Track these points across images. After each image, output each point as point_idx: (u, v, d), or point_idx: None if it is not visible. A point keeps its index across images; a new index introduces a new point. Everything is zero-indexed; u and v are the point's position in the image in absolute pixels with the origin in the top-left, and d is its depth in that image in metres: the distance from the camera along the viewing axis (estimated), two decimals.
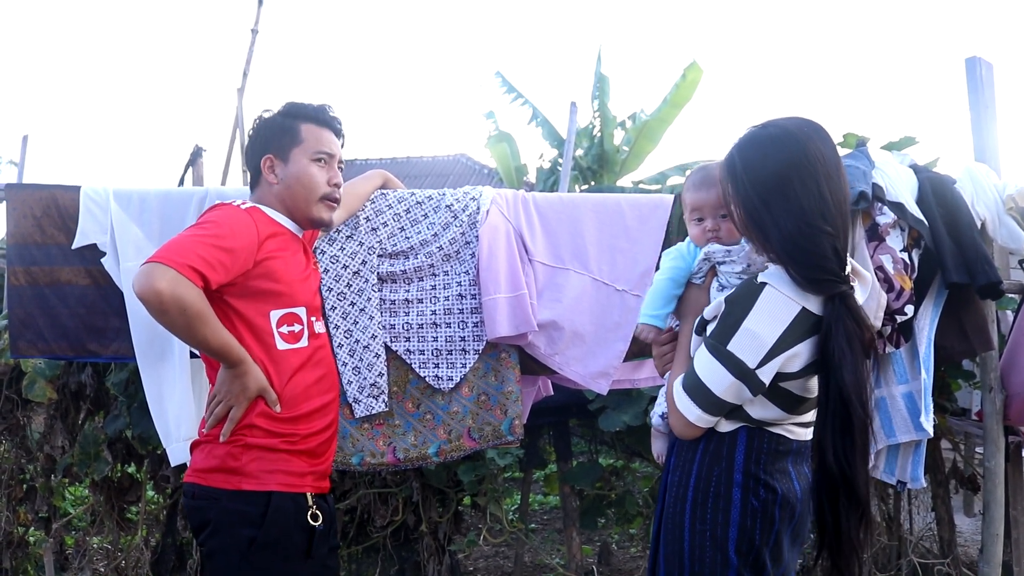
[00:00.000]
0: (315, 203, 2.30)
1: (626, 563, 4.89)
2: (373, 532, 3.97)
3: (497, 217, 2.90)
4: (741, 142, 1.90)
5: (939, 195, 3.01)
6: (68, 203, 3.01)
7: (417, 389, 2.88)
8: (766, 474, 1.87)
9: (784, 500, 1.87)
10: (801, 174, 1.80)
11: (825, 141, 1.86)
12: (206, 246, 2.01)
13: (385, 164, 21.00)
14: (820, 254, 1.80)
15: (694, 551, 1.88)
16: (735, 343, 1.81)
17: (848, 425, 1.77)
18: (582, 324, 2.90)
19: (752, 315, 1.80)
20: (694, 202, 2.21)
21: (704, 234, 2.19)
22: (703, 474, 1.90)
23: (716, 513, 1.87)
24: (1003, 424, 3.34)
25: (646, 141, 11.41)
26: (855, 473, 1.78)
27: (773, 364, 1.80)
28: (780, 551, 1.90)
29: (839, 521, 1.80)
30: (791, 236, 1.81)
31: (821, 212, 1.80)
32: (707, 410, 1.86)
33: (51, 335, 3.03)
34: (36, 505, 4.23)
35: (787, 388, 1.86)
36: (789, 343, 1.79)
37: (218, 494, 2.09)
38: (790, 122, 1.88)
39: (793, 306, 1.80)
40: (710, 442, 1.92)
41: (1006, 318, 3.68)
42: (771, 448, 1.89)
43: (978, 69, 3.42)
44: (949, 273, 2.92)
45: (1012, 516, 3.50)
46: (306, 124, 2.30)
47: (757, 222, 1.85)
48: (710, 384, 1.84)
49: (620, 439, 3.98)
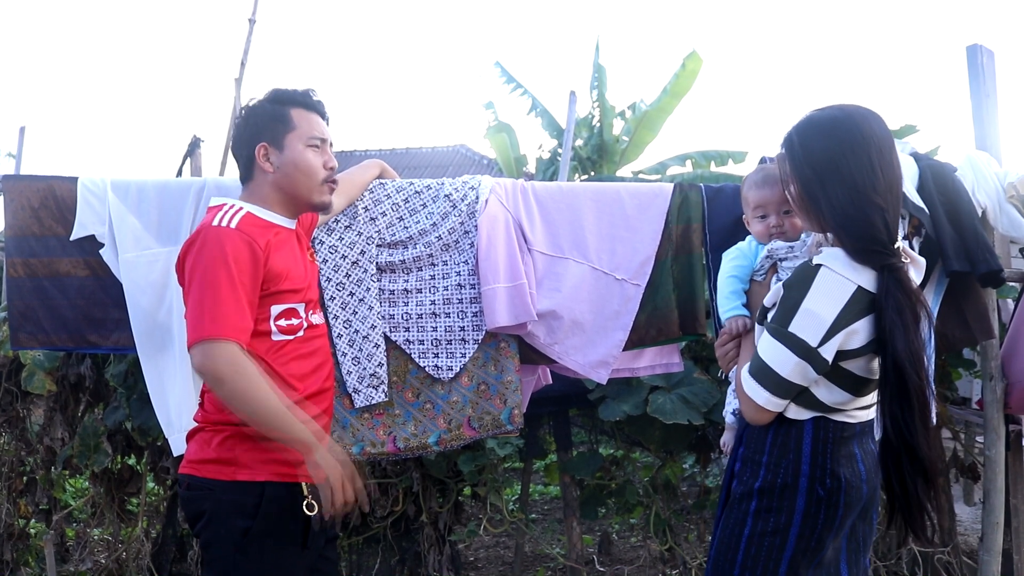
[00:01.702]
0: (316, 187, 2.30)
1: (626, 552, 4.90)
2: (373, 522, 3.97)
3: (496, 206, 2.89)
4: (800, 123, 2.00)
5: (940, 183, 3.01)
6: (66, 194, 2.99)
7: (417, 379, 2.88)
8: (833, 462, 1.93)
9: (849, 486, 1.94)
10: (855, 149, 1.89)
11: (879, 122, 1.95)
12: (236, 301, 2.05)
13: (384, 155, 20.98)
14: (871, 224, 1.87)
15: (753, 536, 1.97)
16: (796, 324, 1.87)
17: (904, 392, 1.83)
18: (581, 313, 2.90)
19: (810, 296, 1.86)
20: (758, 199, 2.30)
21: (768, 230, 2.30)
22: (772, 465, 1.98)
23: (783, 502, 1.95)
24: (1003, 413, 3.34)
25: (646, 131, 11.41)
26: (915, 438, 1.85)
27: (834, 341, 1.85)
28: (842, 531, 1.97)
29: (906, 485, 1.87)
30: (843, 208, 1.89)
31: (873, 185, 1.88)
32: (775, 392, 1.92)
33: (51, 326, 3.03)
34: (36, 497, 4.23)
35: (850, 369, 1.91)
36: (848, 320, 1.85)
37: (213, 484, 2.09)
38: (847, 105, 1.98)
39: (848, 285, 1.85)
40: (778, 434, 1.98)
41: (1007, 306, 3.68)
42: (836, 436, 1.95)
43: (979, 57, 3.41)
44: (950, 261, 2.92)
45: (1012, 505, 3.50)
46: (295, 109, 2.28)
47: (812, 196, 1.94)
48: (775, 366, 1.90)
49: (620, 429, 3.98)
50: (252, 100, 2.33)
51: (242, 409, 2.02)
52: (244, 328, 2.06)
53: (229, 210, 2.18)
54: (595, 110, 11.89)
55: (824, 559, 1.96)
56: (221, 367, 2.00)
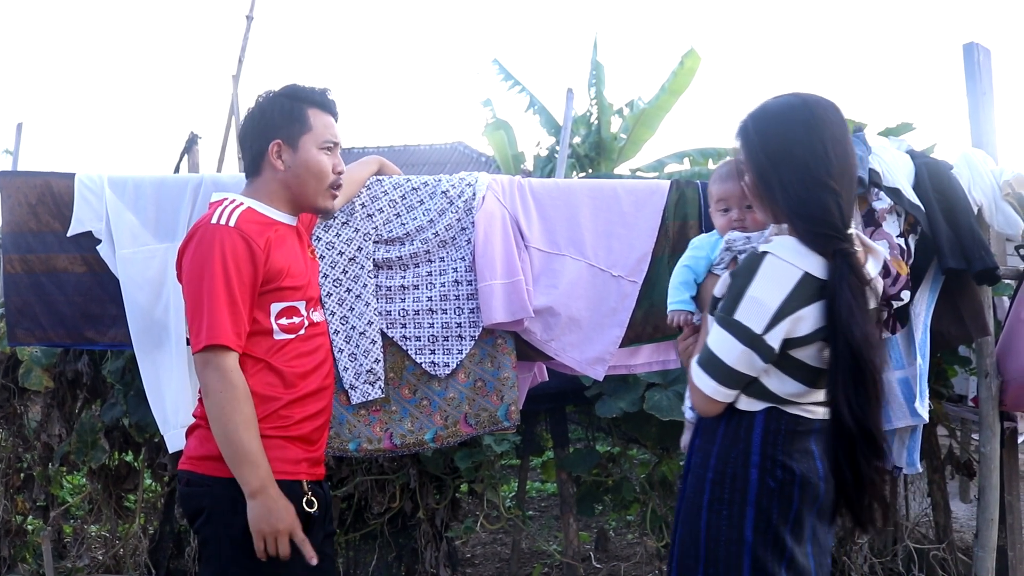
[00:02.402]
0: (323, 192, 2.29)
1: (623, 549, 4.91)
2: (370, 519, 3.98)
3: (493, 203, 2.89)
4: (754, 111, 2.00)
5: (936, 181, 3.01)
6: (63, 190, 3.00)
7: (413, 375, 2.88)
8: (784, 455, 1.90)
9: (804, 480, 1.90)
10: (809, 134, 1.90)
11: (833, 109, 1.95)
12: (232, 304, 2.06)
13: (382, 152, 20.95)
14: (823, 208, 1.87)
15: (710, 530, 1.93)
16: (741, 311, 1.85)
17: (860, 377, 1.82)
18: (578, 310, 2.90)
19: (755, 283, 1.85)
20: (720, 193, 2.31)
21: (730, 224, 2.29)
22: (722, 455, 1.94)
23: (734, 493, 1.91)
24: (999, 410, 3.35)
25: (643, 129, 11.41)
26: (871, 423, 1.83)
27: (780, 328, 1.84)
28: (802, 530, 1.93)
29: (859, 472, 1.85)
30: (796, 193, 1.89)
31: (827, 170, 1.88)
32: (722, 382, 1.90)
33: (48, 323, 3.03)
34: (34, 493, 4.24)
35: (800, 358, 1.89)
36: (793, 306, 1.83)
37: (212, 481, 2.09)
38: (801, 93, 1.98)
39: (794, 271, 1.84)
40: (729, 424, 1.95)
41: (1002, 304, 3.68)
42: (789, 429, 1.92)
43: (976, 55, 3.42)
44: (945, 259, 2.93)
45: (1007, 501, 3.52)
46: (312, 109, 2.26)
47: (766, 182, 1.94)
48: (721, 355, 1.88)
49: (617, 425, 3.99)
50: (268, 92, 2.30)
51: (214, 426, 2.04)
52: (240, 332, 2.08)
53: (229, 205, 2.17)
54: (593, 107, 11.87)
55: (795, 560, 1.90)
56: (211, 381, 2.04)
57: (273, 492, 2.04)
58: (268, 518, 2.02)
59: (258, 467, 2.03)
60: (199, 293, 2.07)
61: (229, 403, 2.02)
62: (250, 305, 2.11)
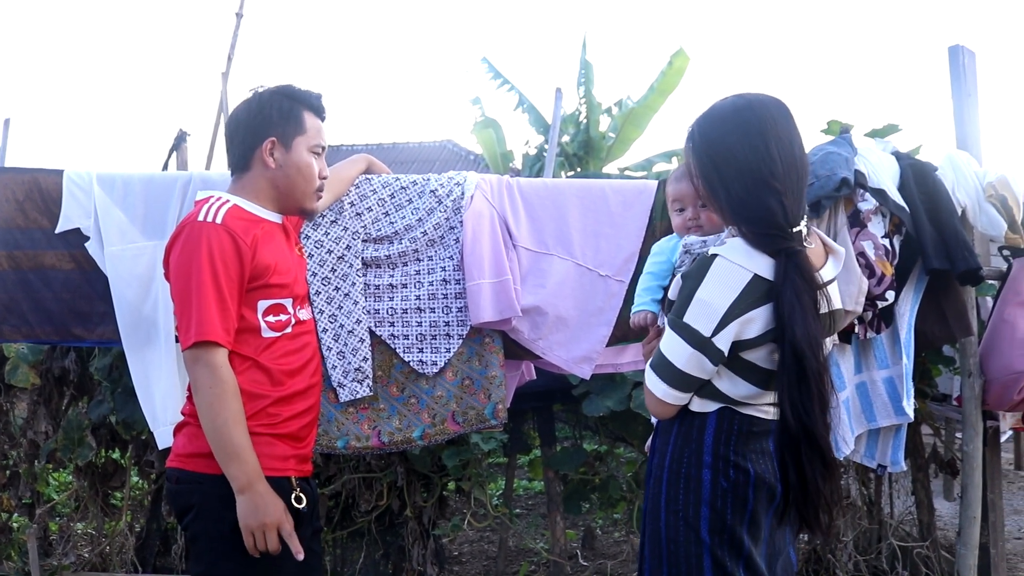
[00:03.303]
0: (310, 194, 2.30)
1: (610, 547, 4.93)
2: (358, 517, 3.98)
3: (481, 202, 2.90)
4: (701, 115, 1.99)
5: (920, 182, 3.04)
6: (51, 187, 2.99)
7: (402, 373, 2.89)
8: (736, 455, 1.89)
9: (759, 480, 1.89)
10: (749, 135, 1.87)
11: (780, 109, 1.92)
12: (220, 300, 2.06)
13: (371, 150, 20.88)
14: (766, 208, 1.85)
15: (669, 530, 1.92)
16: (690, 314, 1.85)
17: (803, 376, 1.80)
18: (565, 309, 2.91)
19: (704, 285, 1.84)
20: (675, 193, 2.30)
21: (685, 223, 2.27)
22: (676, 456, 1.94)
23: (688, 494, 1.90)
24: (981, 409, 3.38)
25: (632, 128, 11.41)
26: (814, 422, 1.81)
27: (728, 331, 1.83)
28: (758, 530, 1.92)
29: (803, 472, 1.83)
30: (739, 195, 1.88)
31: (770, 169, 1.85)
32: (673, 385, 1.89)
33: (35, 320, 3.03)
34: (20, 491, 4.21)
35: (752, 360, 1.88)
36: (742, 309, 1.82)
37: (201, 478, 2.09)
38: (747, 94, 1.95)
39: (744, 273, 1.83)
40: (682, 425, 1.95)
41: (986, 304, 3.72)
42: (743, 429, 1.91)
43: (961, 57, 3.44)
44: (930, 259, 2.95)
45: (989, 499, 3.55)
46: (307, 112, 2.27)
47: (711, 185, 1.93)
48: (671, 358, 1.88)
49: (604, 424, 4.00)
50: (262, 89, 2.29)
51: (204, 421, 2.05)
52: (229, 328, 2.09)
53: (215, 203, 2.17)
54: (582, 107, 11.87)
55: (752, 560, 1.90)
56: (201, 377, 2.05)
57: (261, 488, 2.04)
58: (256, 513, 2.03)
59: (246, 463, 2.04)
60: (187, 290, 2.07)
61: (219, 399, 2.03)
62: (238, 301, 2.11)
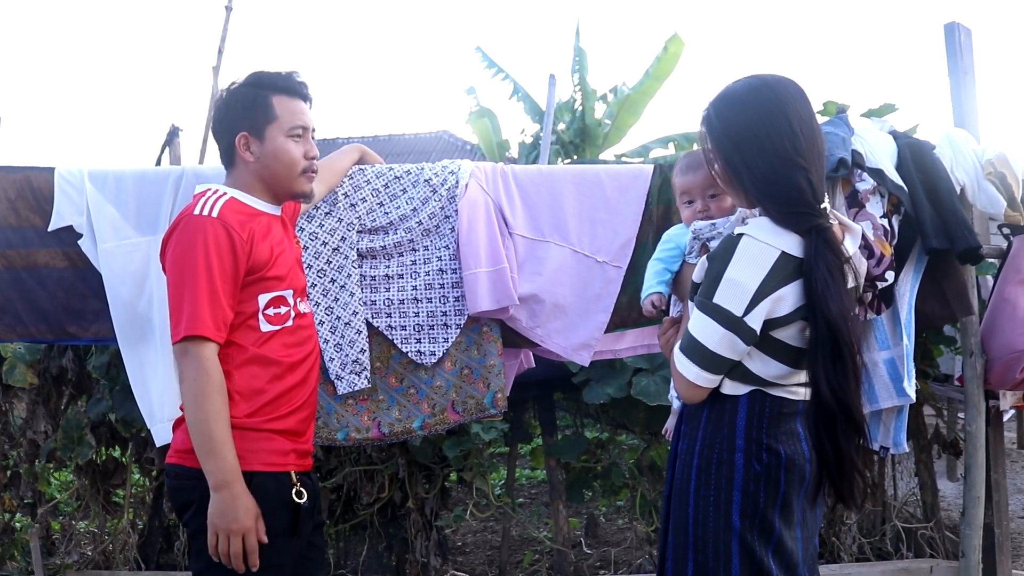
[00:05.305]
0: (296, 178, 2.27)
1: (613, 535, 4.93)
2: (360, 509, 3.97)
3: (476, 191, 2.88)
4: (716, 97, 1.98)
5: (918, 161, 3.02)
6: (43, 185, 2.97)
7: (400, 364, 2.88)
8: (769, 437, 1.89)
9: (790, 463, 1.89)
10: (772, 114, 1.87)
11: (795, 87, 1.92)
12: (212, 295, 2.05)
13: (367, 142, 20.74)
14: (794, 186, 1.85)
15: (698, 516, 1.92)
16: (720, 295, 1.84)
17: (838, 352, 1.80)
18: (563, 296, 2.90)
19: (732, 265, 1.83)
20: (683, 185, 2.30)
21: (695, 215, 2.28)
22: (707, 441, 1.93)
23: (720, 479, 1.90)
24: (984, 389, 3.37)
25: (628, 114, 11.41)
26: (849, 397, 1.82)
27: (760, 309, 1.82)
28: (790, 512, 1.92)
29: (839, 447, 1.84)
30: (764, 175, 1.87)
31: (793, 146, 1.85)
32: (705, 367, 1.88)
33: (30, 318, 3.01)
34: (21, 491, 4.20)
35: (781, 339, 1.87)
36: (772, 287, 1.81)
37: (200, 474, 2.07)
38: (761, 74, 1.95)
39: (771, 251, 1.82)
40: (713, 409, 1.94)
41: (986, 283, 3.70)
42: (774, 411, 1.91)
43: (957, 35, 3.42)
44: (929, 239, 2.93)
45: (993, 479, 3.54)
46: (277, 96, 2.22)
47: (734, 169, 1.92)
48: (703, 339, 1.86)
49: (605, 411, 3.99)
50: (232, 84, 2.27)
51: (187, 414, 2.04)
52: (222, 323, 2.07)
53: (212, 196, 2.16)
54: (576, 94, 11.87)
55: (782, 544, 1.90)
56: (188, 369, 2.04)
57: (237, 488, 2.02)
58: (226, 516, 2.00)
59: (224, 460, 2.01)
60: (180, 283, 2.06)
61: (203, 392, 2.02)
62: (232, 296, 2.09)
